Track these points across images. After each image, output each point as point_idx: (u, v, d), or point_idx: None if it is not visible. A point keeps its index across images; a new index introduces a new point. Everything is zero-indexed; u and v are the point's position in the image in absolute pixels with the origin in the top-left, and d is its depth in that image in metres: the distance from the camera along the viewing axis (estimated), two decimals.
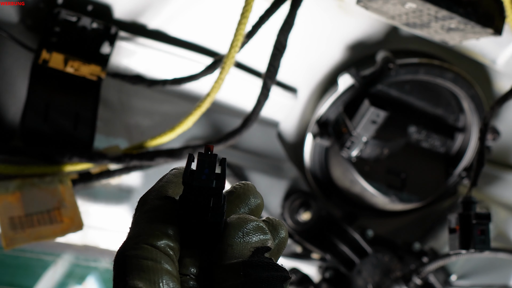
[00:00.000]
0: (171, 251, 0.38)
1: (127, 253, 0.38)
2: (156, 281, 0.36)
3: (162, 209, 0.40)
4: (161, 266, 0.37)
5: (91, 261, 1.43)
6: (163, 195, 0.41)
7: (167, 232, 0.39)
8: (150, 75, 1.01)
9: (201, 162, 0.39)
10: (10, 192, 0.86)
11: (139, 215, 0.41)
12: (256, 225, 0.41)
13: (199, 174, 0.39)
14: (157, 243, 0.38)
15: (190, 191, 0.39)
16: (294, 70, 1.13)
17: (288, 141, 1.23)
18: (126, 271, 0.36)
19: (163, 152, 0.92)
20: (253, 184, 0.46)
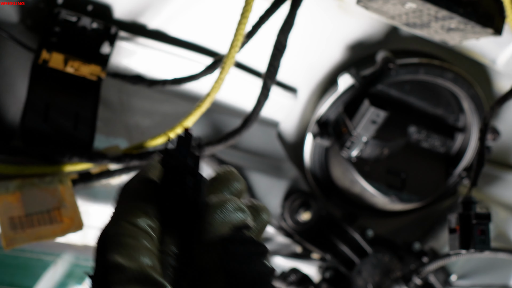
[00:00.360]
0: (150, 229, 0.39)
1: (107, 230, 0.39)
2: (135, 256, 0.37)
3: (143, 190, 0.42)
4: (140, 243, 0.38)
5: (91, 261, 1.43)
6: (145, 178, 0.43)
7: (146, 211, 0.40)
8: (150, 75, 1.01)
9: (178, 143, 0.41)
10: (10, 192, 0.86)
11: (121, 197, 0.42)
12: (235, 205, 0.42)
13: (175, 154, 0.41)
14: (136, 221, 0.39)
15: (168, 170, 0.41)
16: (294, 70, 1.13)
17: (288, 141, 1.23)
18: (106, 248, 0.38)
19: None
20: (235, 169, 0.47)
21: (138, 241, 0.38)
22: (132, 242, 0.38)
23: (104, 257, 0.37)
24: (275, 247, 1.22)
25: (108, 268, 0.36)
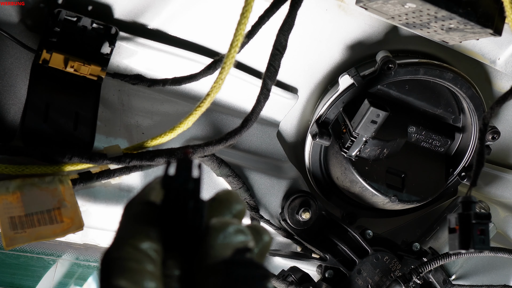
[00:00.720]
0: (153, 253, 0.40)
1: (111, 255, 0.39)
2: (139, 281, 0.37)
3: (145, 213, 0.42)
4: (144, 267, 0.38)
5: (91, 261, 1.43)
6: (146, 200, 0.43)
7: (149, 235, 0.40)
8: (150, 75, 1.01)
9: (179, 167, 0.42)
10: (10, 192, 0.86)
11: (124, 219, 0.42)
12: (236, 228, 0.42)
13: (177, 178, 0.41)
14: (140, 245, 0.39)
15: (169, 194, 0.41)
16: (294, 70, 1.13)
17: (288, 141, 1.23)
18: (110, 272, 0.38)
19: (163, 152, 0.92)
20: (235, 191, 0.47)
21: (142, 265, 0.38)
22: (136, 267, 0.38)
23: (109, 281, 0.37)
24: (275, 247, 1.22)
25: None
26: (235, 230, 0.42)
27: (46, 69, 0.90)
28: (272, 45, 0.88)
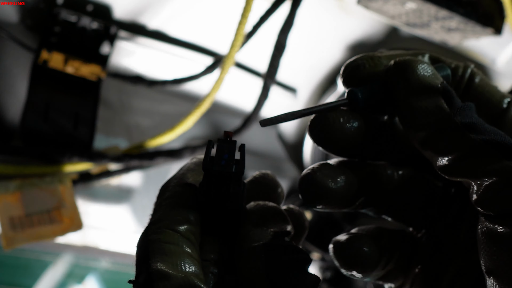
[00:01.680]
0: (192, 236, 0.39)
1: (149, 237, 0.38)
2: (178, 263, 0.36)
3: (183, 196, 0.41)
4: (183, 249, 0.37)
5: (91, 261, 1.43)
6: (184, 182, 0.42)
7: (188, 218, 0.39)
8: (150, 75, 1.01)
9: (220, 148, 0.39)
10: (10, 192, 0.86)
11: (161, 201, 0.41)
12: (275, 211, 0.41)
13: (218, 160, 0.39)
14: (178, 227, 0.38)
15: (210, 177, 0.39)
16: (294, 70, 1.13)
17: (288, 141, 1.23)
18: (148, 255, 0.37)
19: (163, 152, 0.92)
20: (273, 173, 0.46)
21: (181, 248, 0.37)
22: (176, 249, 0.37)
23: (148, 264, 0.36)
24: None
25: (152, 275, 0.35)
26: (273, 213, 0.41)
27: (46, 69, 0.90)
28: (272, 45, 0.88)
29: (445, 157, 0.38)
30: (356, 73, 0.42)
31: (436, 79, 0.40)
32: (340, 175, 0.42)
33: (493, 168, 0.36)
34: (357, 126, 0.41)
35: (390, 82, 0.41)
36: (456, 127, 0.38)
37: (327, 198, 0.42)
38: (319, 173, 0.42)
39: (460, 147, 0.37)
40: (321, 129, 0.41)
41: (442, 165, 0.38)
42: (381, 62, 0.42)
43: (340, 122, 0.41)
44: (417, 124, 0.39)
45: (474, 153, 0.37)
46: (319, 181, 0.42)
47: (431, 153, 0.39)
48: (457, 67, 0.43)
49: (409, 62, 0.41)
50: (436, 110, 0.39)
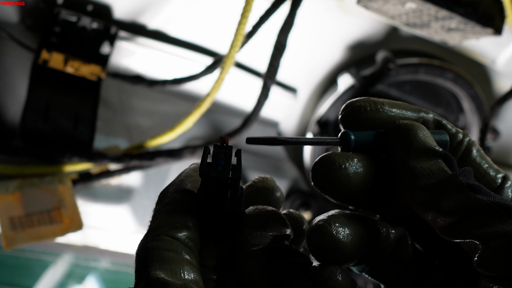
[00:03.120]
0: (191, 242, 0.39)
1: (148, 245, 0.38)
2: (177, 271, 0.36)
3: (182, 202, 0.41)
4: (182, 256, 0.37)
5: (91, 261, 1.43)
6: (182, 188, 0.42)
7: (187, 224, 0.39)
8: (150, 75, 1.01)
9: (216, 154, 0.40)
10: (10, 192, 0.86)
11: (159, 208, 0.41)
12: (274, 215, 0.41)
13: (215, 165, 0.39)
14: (177, 234, 0.38)
15: (207, 182, 0.40)
16: (294, 70, 1.13)
17: None
18: (147, 262, 0.37)
19: (163, 152, 0.92)
20: (272, 178, 0.46)
21: (180, 255, 0.37)
22: (174, 257, 0.37)
23: (146, 271, 0.36)
24: None
25: (151, 283, 0.35)
26: (273, 217, 0.41)
27: (46, 69, 0.90)
28: (272, 45, 0.88)
29: (450, 217, 0.37)
30: (356, 115, 0.42)
31: (437, 145, 0.40)
32: (351, 230, 0.41)
33: (502, 229, 0.36)
34: (363, 172, 0.40)
35: (391, 144, 0.41)
36: (461, 187, 0.38)
37: (338, 252, 0.40)
38: (331, 226, 0.40)
39: (466, 207, 0.37)
40: (325, 173, 0.40)
41: (445, 226, 0.38)
42: (383, 109, 0.42)
43: (346, 167, 0.40)
44: (419, 185, 0.39)
45: (480, 214, 0.37)
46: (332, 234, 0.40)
47: (434, 213, 0.38)
48: (457, 133, 0.43)
49: (411, 126, 0.40)
50: (439, 172, 0.39)
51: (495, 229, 0.36)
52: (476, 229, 0.36)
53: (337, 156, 0.40)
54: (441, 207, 0.38)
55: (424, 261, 0.44)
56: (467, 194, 0.37)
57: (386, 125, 0.41)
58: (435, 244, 0.44)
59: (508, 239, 0.35)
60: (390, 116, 0.41)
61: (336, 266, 0.40)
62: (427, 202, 0.38)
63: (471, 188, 0.38)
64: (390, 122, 0.41)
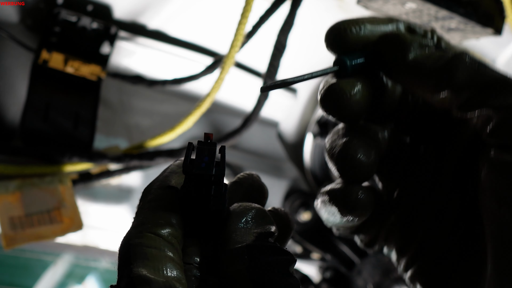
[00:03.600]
0: (174, 240, 0.39)
1: (131, 241, 0.38)
2: (160, 268, 0.36)
3: (165, 199, 0.40)
4: (165, 253, 0.37)
5: (91, 261, 1.43)
6: (166, 185, 0.42)
7: (170, 221, 0.39)
8: (150, 75, 1.02)
9: (200, 151, 0.39)
10: (10, 192, 0.86)
11: (143, 204, 0.41)
12: (258, 212, 0.41)
13: (198, 162, 0.39)
14: (160, 231, 0.38)
15: (191, 179, 0.39)
16: (294, 70, 1.13)
17: (288, 141, 1.23)
18: (130, 259, 0.37)
19: (163, 152, 0.92)
20: (257, 174, 0.46)
21: (163, 252, 0.37)
22: (157, 254, 0.37)
23: (129, 268, 0.36)
24: None
25: (133, 280, 0.35)
26: (257, 214, 0.41)
27: (46, 69, 0.90)
28: (272, 45, 0.88)
29: (465, 92, 0.40)
30: (342, 38, 0.45)
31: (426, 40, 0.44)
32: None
33: None
34: (368, 94, 0.44)
35: (386, 55, 0.43)
36: (471, 64, 0.40)
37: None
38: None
39: (480, 80, 0.40)
40: (337, 103, 0.44)
41: (462, 101, 0.40)
42: (365, 27, 0.44)
43: (355, 93, 0.43)
44: (427, 72, 0.41)
45: (495, 86, 0.39)
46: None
47: (449, 92, 0.40)
48: (426, 33, 0.46)
49: (398, 34, 0.44)
50: (442, 54, 0.42)
51: (510, 100, 0.38)
52: (492, 99, 0.39)
53: (344, 84, 0.43)
54: (456, 83, 0.40)
55: (412, 152, 0.47)
56: (477, 67, 0.40)
57: (372, 42, 0.44)
58: (427, 136, 0.47)
59: None
60: (373, 32, 0.44)
61: (363, 186, 0.44)
62: (440, 84, 0.41)
63: (480, 63, 0.40)
64: (374, 38, 0.44)
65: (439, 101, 0.41)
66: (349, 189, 0.44)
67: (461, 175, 0.44)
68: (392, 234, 0.47)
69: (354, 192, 0.44)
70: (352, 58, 0.44)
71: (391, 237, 0.47)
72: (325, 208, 0.46)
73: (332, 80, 0.45)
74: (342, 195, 0.45)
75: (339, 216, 0.45)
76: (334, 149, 0.45)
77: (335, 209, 0.45)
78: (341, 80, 0.44)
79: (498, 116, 0.38)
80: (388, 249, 0.47)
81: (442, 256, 0.43)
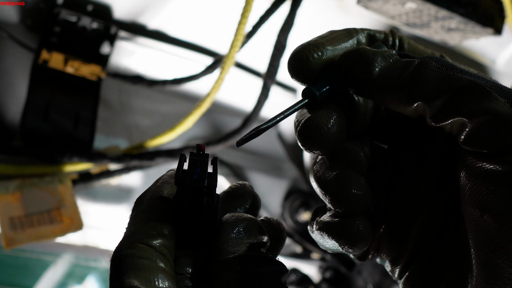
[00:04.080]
0: (166, 250, 0.39)
1: (123, 252, 0.38)
2: (151, 279, 0.36)
3: (158, 209, 0.41)
4: (157, 264, 0.37)
5: (91, 261, 1.43)
6: (159, 195, 0.42)
7: (162, 232, 0.39)
8: (150, 75, 1.02)
9: (192, 162, 0.40)
10: (10, 192, 0.86)
11: (135, 214, 0.41)
12: (250, 222, 0.41)
13: (191, 173, 0.39)
14: (152, 242, 0.38)
15: (183, 190, 0.40)
16: None
17: (288, 141, 1.23)
18: (122, 270, 0.37)
19: (163, 152, 0.92)
20: (250, 184, 0.46)
21: (155, 263, 0.37)
22: (149, 264, 0.37)
23: (120, 279, 0.36)
24: None
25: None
26: (249, 224, 0.41)
27: (46, 69, 0.90)
28: (272, 45, 0.88)
29: (437, 101, 0.39)
30: (304, 66, 0.43)
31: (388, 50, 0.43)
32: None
33: (489, 106, 0.37)
34: (343, 119, 0.43)
35: (350, 75, 0.42)
36: (437, 70, 0.39)
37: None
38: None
39: (450, 86, 0.39)
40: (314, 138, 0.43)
41: (434, 111, 0.39)
42: (326, 50, 0.43)
43: (328, 126, 0.42)
44: (396, 83, 0.40)
45: (466, 92, 0.38)
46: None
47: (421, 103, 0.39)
48: (387, 37, 0.45)
49: (357, 51, 0.43)
50: (407, 64, 0.41)
51: (482, 106, 0.37)
52: (464, 106, 0.38)
53: (319, 118, 0.42)
54: (426, 92, 0.39)
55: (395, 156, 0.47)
56: (445, 72, 0.39)
57: (335, 62, 0.43)
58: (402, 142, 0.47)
59: (495, 115, 0.37)
60: (335, 52, 0.43)
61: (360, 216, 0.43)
62: (410, 96, 0.40)
63: (450, 68, 0.39)
64: (336, 58, 0.43)
65: (412, 112, 0.41)
66: (348, 223, 0.43)
67: (444, 179, 0.44)
68: (383, 245, 0.46)
69: (353, 226, 0.43)
70: (320, 86, 0.43)
71: (383, 247, 0.46)
72: (322, 239, 0.46)
73: (305, 113, 0.44)
74: (341, 230, 0.44)
75: (339, 247, 0.45)
76: (326, 184, 0.44)
77: (333, 242, 0.45)
78: (314, 113, 0.43)
79: (472, 123, 0.37)
80: (381, 259, 0.47)
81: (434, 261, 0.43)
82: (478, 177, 0.37)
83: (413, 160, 0.46)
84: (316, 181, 0.45)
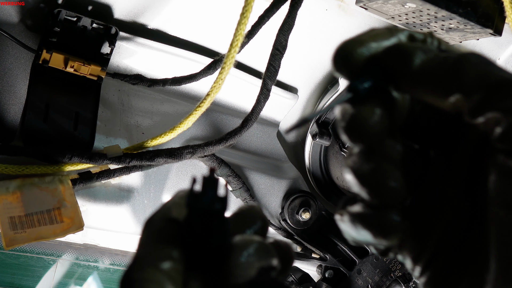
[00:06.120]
0: (176, 274, 0.39)
1: (132, 275, 0.38)
2: None
3: (167, 232, 0.41)
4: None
5: (91, 261, 1.43)
6: (169, 217, 0.42)
7: (171, 255, 0.39)
8: (150, 75, 1.02)
9: (204, 185, 0.40)
10: (10, 192, 0.86)
11: (145, 237, 0.41)
12: (260, 245, 0.41)
13: (202, 197, 0.40)
14: (161, 265, 0.38)
15: (193, 214, 0.40)
16: (294, 70, 1.13)
17: (288, 141, 1.23)
18: None
19: (163, 152, 0.92)
20: (259, 206, 0.46)
21: (164, 287, 0.37)
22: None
23: None
24: None
25: None
26: (259, 247, 0.41)
27: (46, 69, 0.90)
28: (272, 45, 0.88)
29: (474, 94, 0.39)
30: (349, 62, 0.44)
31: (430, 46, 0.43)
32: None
33: None
34: (385, 114, 0.44)
35: (394, 70, 0.43)
36: (478, 64, 0.39)
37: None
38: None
39: (488, 81, 0.39)
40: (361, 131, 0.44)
41: (472, 105, 0.39)
42: (370, 46, 0.44)
43: (375, 120, 0.43)
44: (436, 80, 0.41)
45: (505, 88, 0.38)
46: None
47: (459, 96, 0.40)
48: (426, 38, 0.46)
49: (401, 47, 0.43)
50: (447, 59, 0.41)
51: None
52: (502, 102, 0.38)
53: (365, 112, 0.43)
54: (465, 85, 0.39)
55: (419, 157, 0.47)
56: (485, 68, 0.39)
57: (377, 59, 0.44)
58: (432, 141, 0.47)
59: None
60: (378, 49, 0.44)
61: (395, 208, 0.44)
62: (450, 88, 0.40)
63: (487, 63, 0.39)
64: (378, 54, 0.44)
65: (450, 106, 0.41)
66: (384, 215, 0.44)
67: (471, 180, 0.44)
68: (406, 242, 0.47)
69: (389, 218, 0.44)
70: (363, 81, 0.44)
71: (405, 244, 0.47)
72: (354, 230, 0.46)
73: (348, 108, 0.44)
74: (376, 221, 0.44)
75: (372, 239, 0.46)
76: (363, 175, 0.44)
77: (366, 233, 0.45)
78: (359, 108, 0.44)
79: (507, 120, 0.37)
80: (403, 257, 0.48)
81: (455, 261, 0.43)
82: (509, 176, 0.38)
83: (442, 160, 0.46)
84: (353, 172, 0.46)
